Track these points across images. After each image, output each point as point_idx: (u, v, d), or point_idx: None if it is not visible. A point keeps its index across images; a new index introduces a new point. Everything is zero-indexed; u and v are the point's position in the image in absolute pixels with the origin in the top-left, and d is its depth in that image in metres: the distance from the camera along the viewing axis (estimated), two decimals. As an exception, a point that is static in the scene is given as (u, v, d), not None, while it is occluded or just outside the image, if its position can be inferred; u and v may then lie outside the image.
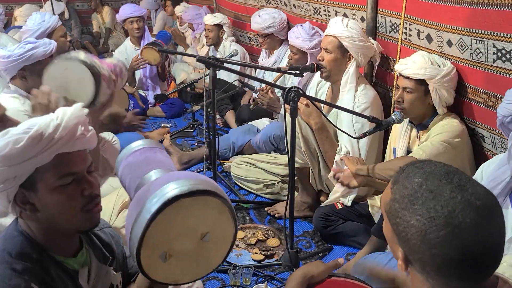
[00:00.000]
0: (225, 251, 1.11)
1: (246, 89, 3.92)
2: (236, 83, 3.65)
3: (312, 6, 3.37)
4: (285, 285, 1.25)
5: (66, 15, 6.50)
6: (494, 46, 1.86)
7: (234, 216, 1.07)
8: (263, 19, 3.62)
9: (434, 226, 0.82)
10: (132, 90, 4.22)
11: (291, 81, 3.38)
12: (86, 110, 1.17)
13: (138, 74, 4.43)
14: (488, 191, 0.87)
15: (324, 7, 3.21)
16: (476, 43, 1.95)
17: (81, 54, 1.89)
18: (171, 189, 1.00)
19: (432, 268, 0.85)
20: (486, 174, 1.65)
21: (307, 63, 2.98)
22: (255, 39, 4.30)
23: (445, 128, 2.05)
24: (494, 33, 1.85)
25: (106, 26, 6.83)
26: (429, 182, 0.86)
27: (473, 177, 1.70)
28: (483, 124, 2.06)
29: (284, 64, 3.54)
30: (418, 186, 0.87)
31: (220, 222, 1.06)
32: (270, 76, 3.65)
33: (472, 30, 1.95)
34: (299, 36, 3.08)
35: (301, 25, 3.13)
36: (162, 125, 4.23)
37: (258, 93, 3.19)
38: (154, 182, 1.07)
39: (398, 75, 2.18)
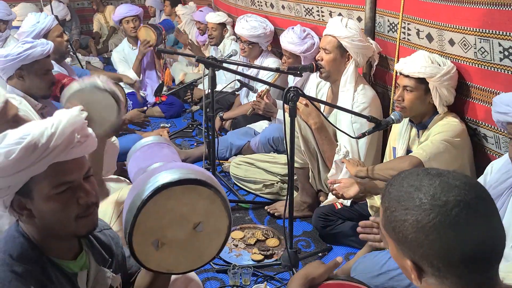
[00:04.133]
0: (219, 243, 1.10)
1: (238, 92, 3.92)
2: (235, 83, 3.66)
3: (304, 7, 3.35)
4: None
5: (68, 17, 6.50)
6: (500, 45, 1.85)
7: (227, 207, 1.07)
8: (251, 26, 3.59)
9: (423, 212, 0.84)
10: (133, 81, 4.10)
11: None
12: (85, 115, 1.14)
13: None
14: (465, 175, 0.90)
15: (317, 7, 3.19)
16: (480, 42, 1.94)
17: (106, 82, 1.89)
18: (162, 177, 1.03)
19: (438, 258, 0.85)
20: (496, 169, 1.64)
21: (302, 66, 2.98)
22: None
23: (445, 127, 2.05)
24: (499, 32, 1.84)
25: (110, 25, 6.83)
26: (409, 179, 0.91)
27: (484, 174, 1.71)
28: (486, 124, 2.05)
29: (265, 75, 3.55)
30: (400, 186, 0.91)
31: (213, 213, 1.06)
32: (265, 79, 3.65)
33: (476, 29, 1.94)
34: (290, 41, 3.06)
35: (292, 29, 3.09)
36: (162, 125, 4.23)
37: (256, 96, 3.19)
38: (150, 172, 1.09)
39: (398, 74, 2.17)
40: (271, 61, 3.69)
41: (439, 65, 2.06)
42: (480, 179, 1.66)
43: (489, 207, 0.86)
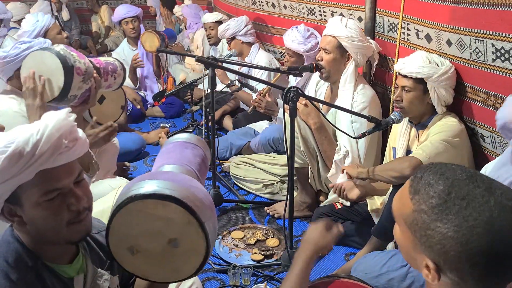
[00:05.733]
0: (196, 264, 1.07)
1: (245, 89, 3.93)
2: (235, 83, 3.66)
3: (306, 7, 3.36)
4: (295, 258, 1.24)
5: (66, 17, 6.50)
6: (493, 45, 1.86)
7: (205, 230, 1.03)
8: (225, 24, 3.82)
9: (475, 235, 0.79)
10: (133, 96, 4.27)
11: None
12: (73, 117, 1.10)
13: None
14: (510, 189, 0.86)
15: (320, 7, 3.20)
16: (475, 43, 1.95)
17: (58, 46, 1.91)
18: (141, 187, 1.02)
19: (472, 276, 0.82)
20: (488, 172, 1.64)
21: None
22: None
23: (444, 127, 2.05)
24: (493, 32, 1.85)
25: (105, 25, 6.84)
26: (457, 188, 0.83)
27: None
28: (483, 124, 2.06)
29: (258, 72, 3.60)
30: (446, 194, 0.84)
31: (188, 232, 1.03)
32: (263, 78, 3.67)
33: (471, 30, 1.95)
34: (294, 39, 3.06)
35: (296, 27, 3.10)
36: (162, 125, 4.23)
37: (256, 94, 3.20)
38: (139, 177, 1.09)
39: (397, 74, 2.18)
40: (262, 57, 3.73)
41: (437, 65, 2.06)
42: None
43: None
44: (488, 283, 0.83)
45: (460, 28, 2.01)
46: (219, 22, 4.43)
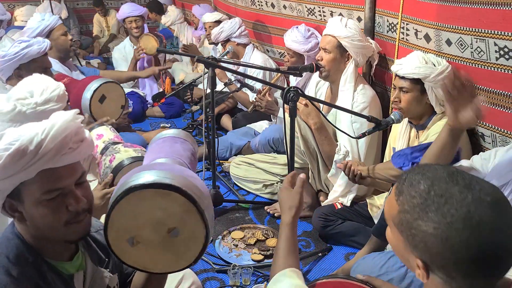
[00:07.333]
0: (196, 252, 1.08)
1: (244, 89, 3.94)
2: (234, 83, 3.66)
3: (306, 7, 3.36)
4: (279, 230, 1.29)
5: (64, 14, 6.50)
6: (495, 44, 1.86)
7: (204, 218, 1.04)
8: (218, 27, 3.81)
9: (454, 231, 0.81)
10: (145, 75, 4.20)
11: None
12: (81, 119, 1.11)
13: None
14: (492, 185, 0.87)
15: (319, 7, 3.21)
16: (476, 42, 1.95)
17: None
18: (140, 178, 1.02)
19: (459, 272, 0.84)
20: (500, 155, 1.62)
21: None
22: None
23: (444, 127, 2.05)
24: (495, 31, 1.85)
25: (111, 32, 6.82)
26: (436, 187, 0.86)
27: (484, 157, 1.69)
28: (483, 123, 2.06)
29: (253, 70, 3.61)
30: (426, 192, 0.86)
31: (188, 221, 1.05)
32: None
33: (472, 29, 1.95)
34: (295, 39, 3.06)
35: (297, 27, 3.10)
36: (162, 125, 4.23)
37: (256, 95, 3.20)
38: (135, 169, 1.09)
39: (395, 75, 2.18)
40: (257, 57, 3.74)
41: (434, 65, 2.05)
42: (476, 159, 1.63)
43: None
44: (476, 279, 0.85)
45: (460, 27, 2.01)
46: (219, 22, 4.44)
